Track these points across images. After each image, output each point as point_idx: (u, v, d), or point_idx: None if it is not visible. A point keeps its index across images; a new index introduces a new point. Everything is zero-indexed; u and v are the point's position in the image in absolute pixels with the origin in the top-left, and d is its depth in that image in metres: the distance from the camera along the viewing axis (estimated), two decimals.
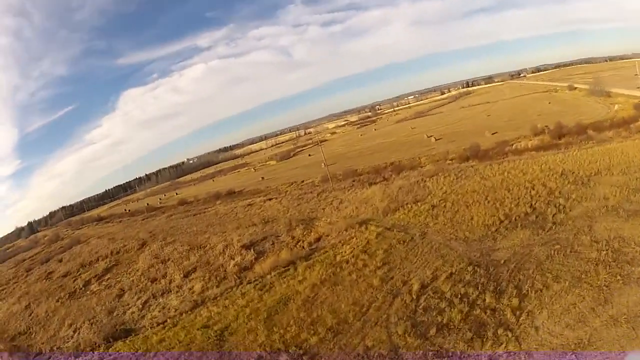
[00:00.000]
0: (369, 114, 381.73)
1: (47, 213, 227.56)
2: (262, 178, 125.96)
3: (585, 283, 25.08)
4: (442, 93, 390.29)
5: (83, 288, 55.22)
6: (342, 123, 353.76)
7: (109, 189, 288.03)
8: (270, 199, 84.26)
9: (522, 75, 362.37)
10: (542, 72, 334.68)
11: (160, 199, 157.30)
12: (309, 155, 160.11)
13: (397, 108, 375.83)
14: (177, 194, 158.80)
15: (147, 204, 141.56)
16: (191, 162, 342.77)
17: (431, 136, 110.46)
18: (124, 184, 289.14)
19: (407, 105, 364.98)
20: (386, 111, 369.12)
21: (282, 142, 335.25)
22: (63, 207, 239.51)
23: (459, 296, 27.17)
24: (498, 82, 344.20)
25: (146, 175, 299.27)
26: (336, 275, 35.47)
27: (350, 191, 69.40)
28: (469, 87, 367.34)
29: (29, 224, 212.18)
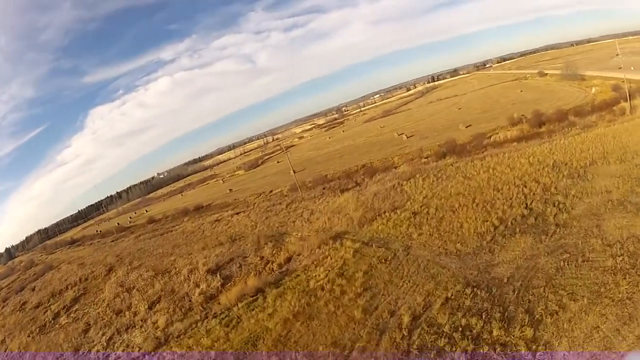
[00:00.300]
0: (336, 115, 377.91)
1: (25, 237, 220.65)
2: (230, 190, 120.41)
3: (605, 298, 21.51)
4: (408, 89, 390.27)
5: (52, 321, 51.27)
6: (309, 127, 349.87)
7: (82, 209, 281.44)
8: (238, 213, 79.12)
9: (487, 65, 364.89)
10: (507, 61, 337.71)
11: (130, 217, 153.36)
12: (277, 162, 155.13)
13: (364, 108, 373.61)
14: (146, 211, 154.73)
15: (118, 223, 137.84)
16: (161, 176, 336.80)
17: (402, 134, 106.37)
18: (95, 203, 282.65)
19: (373, 105, 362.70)
20: (353, 112, 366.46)
21: (250, 150, 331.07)
22: (39, 231, 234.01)
23: (460, 329, 22.26)
24: (464, 74, 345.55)
25: (117, 193, 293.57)
26: (311, 307, 30.05)
27: (321, 200, 64.18)
28: (434, 81, 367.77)
29: (7, 249, 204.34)
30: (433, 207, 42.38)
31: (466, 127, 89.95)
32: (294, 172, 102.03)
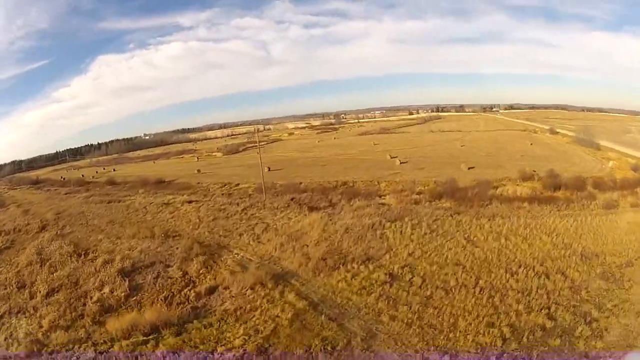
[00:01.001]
0: (333, 121, 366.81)
1: (2, 163, 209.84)
2: (198, 171, 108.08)
3: None
4: (411, 113, 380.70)
5: None
6: (303, 125, 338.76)
7: (60, 151, 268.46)
8: (190, 202, 67.40)
9: (494, 109, 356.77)
10: (515, 110, 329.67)
11: (97, 171, 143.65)
12: (258, 153, 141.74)
13: (362, 120, 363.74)
14: (114, 170, 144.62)
15: (82, 175, 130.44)
16: (147, 137, 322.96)
17: (395, 157, 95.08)
18: (75, 148, 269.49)
19: (372, 120, 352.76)
20: (350, 121, 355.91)
21: (239, 134, 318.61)
22: (13, 162, 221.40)
23: None
24: (470, 112, 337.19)
25: (98, 143, 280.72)
26: None
27: (282, 214, 52.77)
28: (439, 112, 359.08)
29: None
30: (419, 274, 30.91)
31: (469, 168, 79.13)
32: (269, 169, 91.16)
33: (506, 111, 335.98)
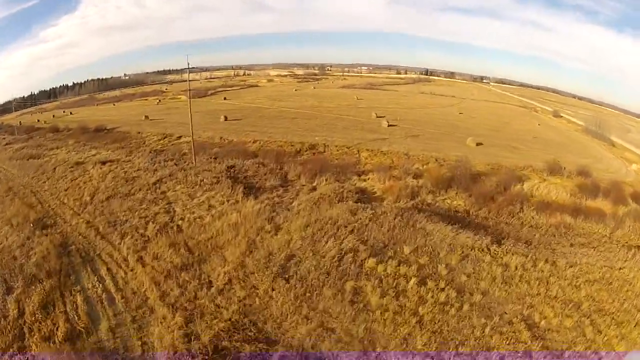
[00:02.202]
0: (316, 71, 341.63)
1: None
2: (146, 117, 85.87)
3: None
4: (399, 72, 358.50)
5: None
6: (286, 74, 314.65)
7: (34, 93, 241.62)
8: (105, 163, 48.00)
9: (485, 80, 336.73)
10: (506, 85, 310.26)
11: (54, 115, 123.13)
12: (224, 98, 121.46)
13: (347, 73, 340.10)
14: (70, 113, 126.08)
15: (38, 120, 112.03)
16: (126, 78, 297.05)
17: (382, 117, 74.60)
18: (49, 89, 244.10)
19: (358, 74, 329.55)
20: (335, 74, 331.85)
21: (217, 78, 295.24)
22: None
23: None
24: (459, 80, 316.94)
25: (73, 83, 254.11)
26: None
27: (205, 196, 33.34)
28: (428, 75, 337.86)
29: None
30: None
31: (477, 144, 59.71)
32: (225, 119, 73.04)
33: (497, 84, 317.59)
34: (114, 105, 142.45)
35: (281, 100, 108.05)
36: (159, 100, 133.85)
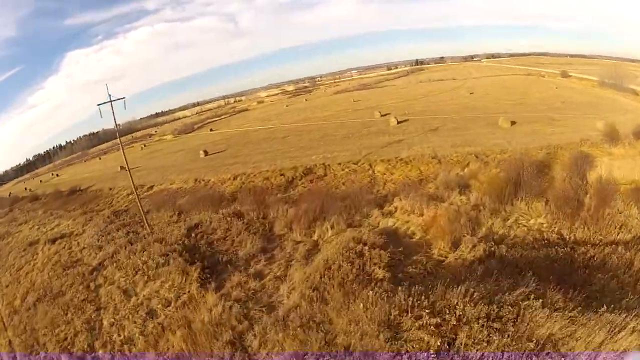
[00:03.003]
0: (307, 84, 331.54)
1: None
2: (122, 168, 73.05)
3: None
4: (389, 69, 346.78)
5: None
6: (277, 92, 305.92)
7: (30, 159, 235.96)
8: (55, 240, 37.40)
9: (475, 59, 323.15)
10: (497, 59, 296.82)
11: (41, 180, 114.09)
12: (210, 130, 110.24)
13: (338, 80, 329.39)
14: (57, 175, 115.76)
15: (25, 188, 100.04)
16: (120, 127, 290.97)
17: (387, 114, 61.56)
18: (44, 153, 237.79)
19: (349, 78, 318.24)
20: (326, 82, 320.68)
21: (206, 111, 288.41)
22: None
23: None
24: (451, 63, 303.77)
25: (66, 142, 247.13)
26: None
27: (145, 290, 21.45)
28: (419, 65, 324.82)
29: None
30: None
31: (511, 123, 46.37)
32: (205, 154, 60.88)
33: (488, 60, 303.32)
34: (99, 159, 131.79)
35: (270, 120, 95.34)
36: (144, 145, 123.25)
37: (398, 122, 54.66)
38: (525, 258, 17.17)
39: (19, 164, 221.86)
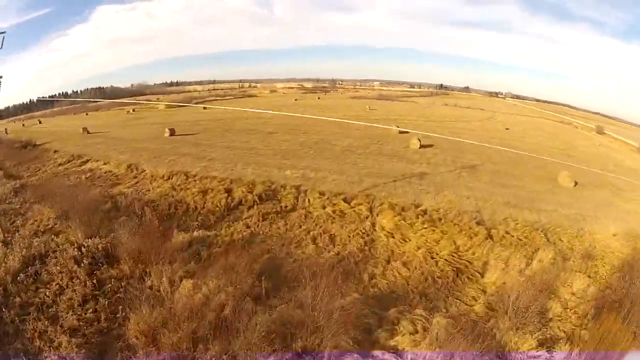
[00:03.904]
0: (326, 85, 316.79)
1: None
2: (84, 129, 61.71)
3: None
4: (412, 87, 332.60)
5: None
6: (293, 86, 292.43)
7: (33, 101, 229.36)
8: None
9: (500, 95, 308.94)
10: (522, 101, 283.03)
11: (24, 124, 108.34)
12: (204, 108, 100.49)
13: (359, 87, 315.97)
14: (40, 122, 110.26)
15: (5, 130, 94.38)
16: (132, 87, 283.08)
17: (406, 132, 46.49)
18: (48, 96, 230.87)
19: (370, 88, 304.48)
20: (346, 86, 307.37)
21: (219, 89, 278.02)
22: None
23: None
24: (475, 94, 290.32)
25: (73, 91, 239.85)
26: None
27: None
28: (443, 89, 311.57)
29: None
30: None
31: (575, 184, 31.88)
32: (171, 133, 48.28)
33: (513, 99, 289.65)
34: (86, 114, 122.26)
35: (270, 110, 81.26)
36: (133, 109, 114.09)
37: (421, 146, 40.17)
38: None
39: (22, 102, 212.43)
